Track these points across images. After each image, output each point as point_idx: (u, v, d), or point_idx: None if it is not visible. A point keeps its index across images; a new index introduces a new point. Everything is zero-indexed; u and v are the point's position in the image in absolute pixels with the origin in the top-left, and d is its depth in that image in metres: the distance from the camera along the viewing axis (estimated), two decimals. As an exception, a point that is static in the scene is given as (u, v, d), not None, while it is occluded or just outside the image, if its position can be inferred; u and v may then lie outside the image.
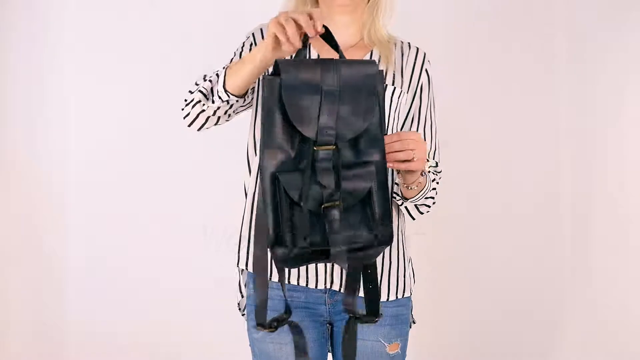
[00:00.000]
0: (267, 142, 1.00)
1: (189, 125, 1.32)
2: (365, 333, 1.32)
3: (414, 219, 1.37)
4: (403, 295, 1.36)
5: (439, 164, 1.40)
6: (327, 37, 1.09)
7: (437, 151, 1.41)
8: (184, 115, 1.30)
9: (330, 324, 1.35)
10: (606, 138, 2.07)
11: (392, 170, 1.31)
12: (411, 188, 1.25)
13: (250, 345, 1.38)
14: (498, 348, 2.14)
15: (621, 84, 2.04)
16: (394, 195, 1.34)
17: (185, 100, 1.29)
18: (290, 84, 0.99)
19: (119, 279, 2.10)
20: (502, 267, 2.12)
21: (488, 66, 2.10)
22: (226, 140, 1.71)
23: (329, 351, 1.38)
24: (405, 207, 1.35)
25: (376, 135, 1.06)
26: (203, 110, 1.26)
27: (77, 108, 2.10)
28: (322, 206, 1.01)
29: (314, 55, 1.33)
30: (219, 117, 1.29)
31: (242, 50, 1.36)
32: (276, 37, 1.07)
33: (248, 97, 1.27)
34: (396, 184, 1.31)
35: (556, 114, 2.11)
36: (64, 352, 2.13)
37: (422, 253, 1.45)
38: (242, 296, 1.43)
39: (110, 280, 2.11)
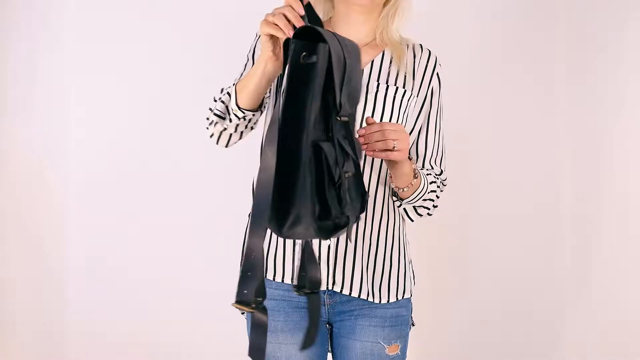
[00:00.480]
0: (308, 110, 0.95)
1: (217, 143, 1.34)
2: (365, 334, 1.32)
3: (412, 220, 1.37)
4: (403, 296, 1.36)
5: (444, 172, 1.39)
6: (310, 13, 1.07)
7: (443, 157, 1.40)
8: (209, 135, 1.32)
9: (330, 324, 1.35)
10: (606, 138, 2.07)
11: (387, 172, 1.31)
12: (403, 190, 1.25)
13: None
14: (499, 348, 2.14)
15: (621, 84, 2.04)
16: (392, 197, 1.34)
17: (207, 119, 1.30)
18: (334, 52, 0.97)
19: (119, 279, 2.10)
20: (502, 267, 2.12)
21: (487, 66, 2.10)
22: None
23: (328, 351, 1.38)
24: (404, 209, 1.35)
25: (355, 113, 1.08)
26: (225, 129, 1.28)
27: (77, 108, 2.10)
28: (346, 175, 1.00)
29: None
30: (241, 132, 1.31)
31: (255, 52, 1.36)
32: (272, 38, 1.07)
33: (264, 107, 1.26)
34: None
35: (556, 114, 2.10)
36: (64, 352, 2.13)
37: (423, 253, 1.45)
38: None
39: (110, 280, 2.11)
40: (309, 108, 0.95)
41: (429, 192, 1.30)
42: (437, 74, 1.38)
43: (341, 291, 1.30)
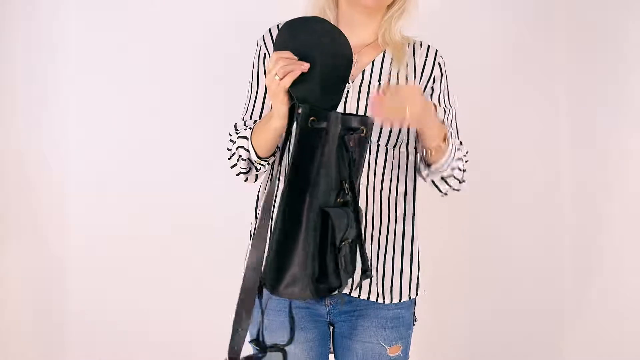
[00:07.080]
0: (313, 175, 0.98)
1: (245, 182, 1.38)
2: (365, 335, 1.32)
3: (443, 193, 1.34)
4: (416, 294, 1.36)
5: (463, 143, 1.37)
6: None
7: (458, 135, 1.39)
8: (237, 174, 1.36)
9: (332, 324, 1.35)
10: (606, 138, 2.07)
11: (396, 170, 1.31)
12: (431, 153, 1.24)
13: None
14: (501, 348, 2.14)
15: (621, 83, 2.04)
16: (420, 164, 1.32)
17: (229, 159, 1.34)
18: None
19: (120, 279, 2.10)
20: (504, 267, 2.12)
21: (487, 65, 2.10)
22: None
23: (330, 352, 1.38)
24: (432, 181, 1.32)
25: None
26: (254, 175, 1.34)
27: (77, 108, 2.10)
28: (345, 242, 1.06)
29: None
30: (265, 171, 1.35)
31: (259, 61, 1.36)
32: (287, 95, 1.09)
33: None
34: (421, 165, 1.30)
35: (556, 114, 2.10)
36: (64, 352, 2.13)
37: (424, 253, 1.44)
38: None
39: (110, 279, 2.10)
40: (314, 172, 0.98)
41: (456, 160, 1.28)
42: (439, 64, 1.37)
43: (350, 294, 1.30)
